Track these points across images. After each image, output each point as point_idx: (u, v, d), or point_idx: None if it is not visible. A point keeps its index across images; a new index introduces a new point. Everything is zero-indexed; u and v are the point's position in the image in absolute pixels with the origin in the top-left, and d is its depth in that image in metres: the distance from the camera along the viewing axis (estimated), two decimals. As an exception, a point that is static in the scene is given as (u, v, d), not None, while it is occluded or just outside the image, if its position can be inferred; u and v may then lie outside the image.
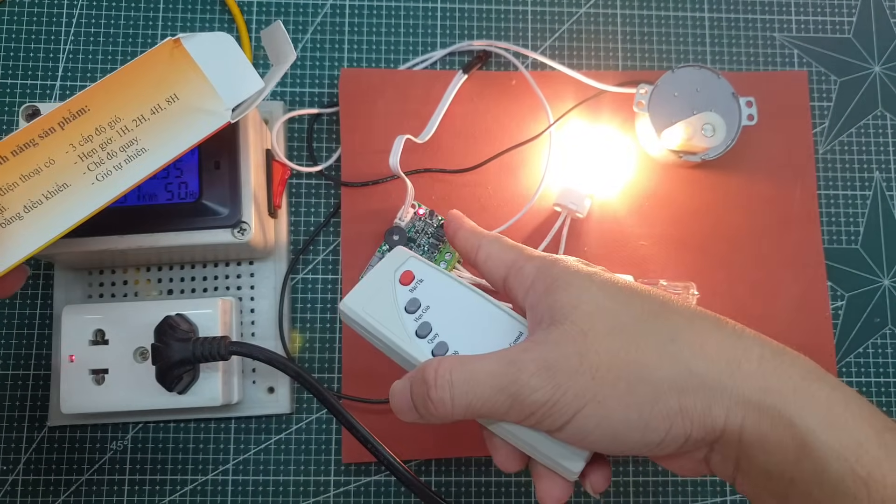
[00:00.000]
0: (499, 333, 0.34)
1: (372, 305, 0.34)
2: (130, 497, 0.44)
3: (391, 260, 0.36)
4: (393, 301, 0.35)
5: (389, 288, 0.35)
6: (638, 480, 0.45)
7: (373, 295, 0.35)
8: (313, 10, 0.49)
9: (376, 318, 0.34)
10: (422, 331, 0.34)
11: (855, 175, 0.49)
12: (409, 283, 0.35)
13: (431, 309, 0.34)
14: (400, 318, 0.34)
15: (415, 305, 0.34)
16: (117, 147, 0.33)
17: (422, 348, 0.33)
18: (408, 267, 0.35)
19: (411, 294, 0.35)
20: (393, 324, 0.34)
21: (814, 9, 0.51)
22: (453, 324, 0.34)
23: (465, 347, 0.33)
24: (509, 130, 0.47)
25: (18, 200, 0.32)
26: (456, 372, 0.30)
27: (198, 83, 0.33)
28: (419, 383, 0.30)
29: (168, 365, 0.38)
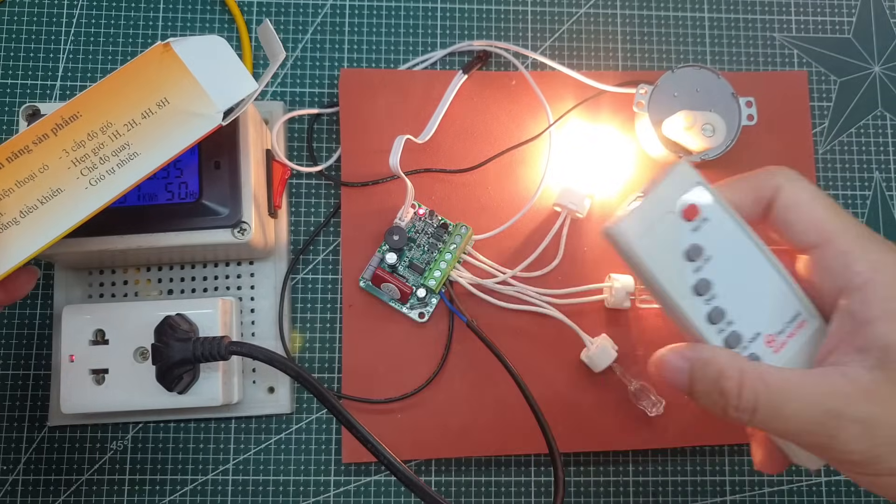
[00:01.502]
0: (777, 308, 0.30)
1: (649, 239, 0.29)
2: (130, 497, 0.44)
3: (676, 182, 0.30)
4: (674, 240, 0.30)
5: (671, 221, 0.30)
6: (638, 480, 0.45)
7: (652, 225, 0.29)
8: (313, 10, 0.49)
9: (652, 257, 0.29)
10: (700, 288, 0.30)
11: (855, 175, 0.49)
12: (692, 220, 0.30)
13: (713, 261, 0.30)
14: (678, 266, 0.30)
15: (696, 253, 0.30)
16: (109, 152, 0.33)
17: (697, 308, 0.30)
18: (694, 199, 0.30)
19: (693, 236, 0.30)
20: (670, 270, 0.30)
21: (814, 9, 0.51)
22: (733, 286, 0.30)
23: (742, 318, 0.30)
24: (509, 130, 0.47)
25: (14, 206, 0.32)
26: (762, 398, 0.27)
27: (188, 87, 0.33)
28: (714, 390, 0.28)
29: (168, 365, 0.38)
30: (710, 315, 0.30)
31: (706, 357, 0.28)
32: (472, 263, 0.45)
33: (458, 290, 0.45)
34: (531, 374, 0.44)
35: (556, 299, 0.44)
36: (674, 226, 0.30)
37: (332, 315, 0.46)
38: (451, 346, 0.44)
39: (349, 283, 0.45)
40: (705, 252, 0.30)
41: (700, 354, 0.28)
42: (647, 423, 0.44)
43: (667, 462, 0.45)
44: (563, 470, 0.37)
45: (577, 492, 0.45)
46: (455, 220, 0.45)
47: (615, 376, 0.43)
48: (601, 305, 0.45)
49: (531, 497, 0.45)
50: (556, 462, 0.37)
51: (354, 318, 0.45)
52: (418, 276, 0.44)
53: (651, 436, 0.44)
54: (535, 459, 0.45)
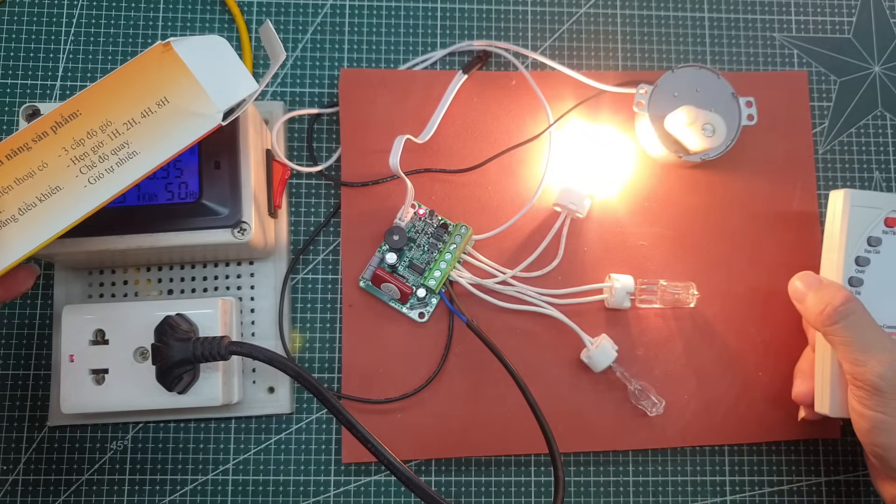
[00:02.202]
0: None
1: (854, 214, 0.42)
2: (130, 497, 0.44)
3: None
4: (866, 227, 0.42)
5: (875, 216, 0.42)
6: (638, 480, 0.45)
7: (864, 204, 0.42)
8: (313, 10, 0.49)
9: (847, 225, 0.42)
10: (860, 260, 0.42)
11: (855, 175, 0.49)
12: (889, 227, 0.42)
13: (882, 255, 0.42)
14: (857, 242, 0.42)
15: (875, 243, 0.42)
16: (108, 150, 0.33)
17: (849, 268, 0.42)
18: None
19: (881, 234, 0.42)
20: (849, 241, 0.42)
21: (814, 9, 0.51)
22: (881, 277, 0.41)
23: (870, 294, 0.41)
24: (509, 130, 0.47)
25: (13, 203, 0.32)
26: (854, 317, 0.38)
27: (188, 86, 0.33)
28: (822, 299, 0.39)
29: (168, 365, 0.38)
30: (852, 279, 0.42)
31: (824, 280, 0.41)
32: (472, 263, 0.45)
33: (458, 290, 0.45)
34: (531, 374, 0.44)
35: (556, 299, 0.44)
36: (875, 219, 0.42)
37: (332, 315, 0.46)
38: (451, 346, 0.44)
39: (349, 283, 0.45)
40: (881, 246, 0.42)
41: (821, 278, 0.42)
42: (647, 423, 0.44)
43: (667, 462, 0.45)
44: (563, 470, 0.37)
45: (577, 492, 0.45)
46: (455, 220, 0.45)
47: (615, 376, 0.43)
48: (601, 305, 0.45)
49: (531, 497, 0.45)
50: (556, 462, 0.37)
51: (354, 318, 0.45)
52: (418, 276, 0.44)
53: (651, 436, 0.44)
54: (535, 459, 0.45)
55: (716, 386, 0.45)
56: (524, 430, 0.43)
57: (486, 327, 0.43)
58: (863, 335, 0.38)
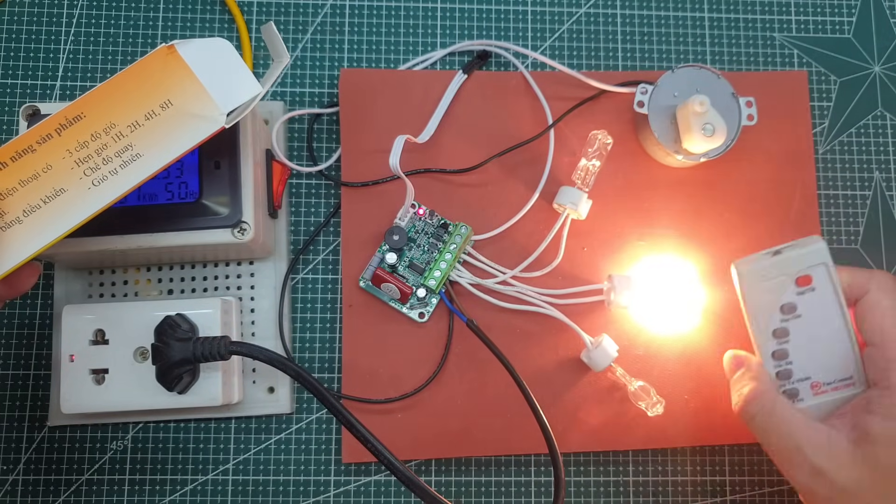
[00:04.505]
0: (837, 367, 0.38)
1: (758, 287, 0.38)
2: (130, 497, 0.44)
3: (807, 256, 0.38)
4: (777, 296, 0.38)
5: (783, 281, 0.38)
6: (638, 480, 0.45)
7: (766, 279, 0.38)
8: (313, 10, 0.49)
9: (753, 300, 0.38)
10: (779, 333, 0.38)
11: (855, 175, 0.49)
12: (801, 287, 0.38)
13: (801, 318, 0.38)
14: (770, 312, 0.38)
15: (790, 309, 0.38)
16: (112, 153, 0.33)
17: (768, 345, 0.39)
18: (812, 273, 0.38)
19: (795, 297, 0.38)
20: (762, 314, 0.38)
21: (814, 9, 0.51)
22: (807, 340, 0.38)
23: (801, 363, 0.38)
24: (509, 130, 0.47)
25: (18, 205, 0.32)
26: (762, 415, 0.37)
27: (192, 89, 0.33)
28: (738, 389, 0.39)
29: (168, 365, 0.38)
30: (776, 353, 0.39)
31: (752, 368, 0.39)
32: (472, 263, 0.45)
33: (458, 290, 0.45)
34: (531, 374, 0.44)
35: (556, 299, 0.44)
36: (783, 286, 0.38)
37: (332, 315, 0.46)
38: (450, 346, 0.44)
39: (349, 283, 0.45)
40: (798, 310, 0.38)
41: (750, 364, 0.39)
42: (647, 423, 0.44)
43: (667, 462, 0.45)
44: (563, 470, 0.37)
45: (577, 492, 0.45)
46: (455, 220, 0.45)
47: (615, 376, 0.43)
48: (601, 305, 0.45)
49: (531, 497, 0.45)
50: (556, 462, 0.37)
51: (354, 318, 0.45)
52: (418, 276, 0.44)
53: (651, 436, 0.44)
54: (535, 459, 0.45)
55: (716, 386, 0.45)
56: (524, 430, 0.43)
57: (486, 327, 0.43)
58: (768, 440, 0.37)
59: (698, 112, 0.42)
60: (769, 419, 0.37)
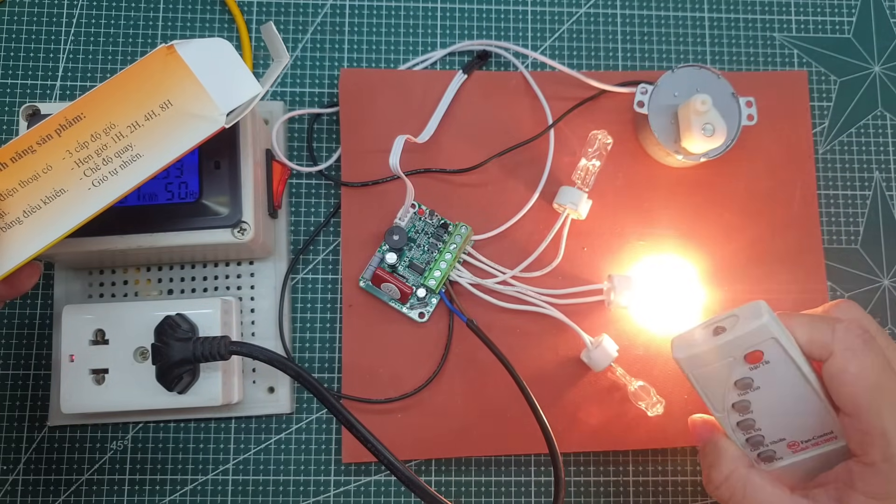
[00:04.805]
0: (812, 425, 0.35)
1: (705, 370, 0.34)
2: (130, 497, 0.44)
3: (752, 334, 0.33)
4: (728, 375, 0.34)
5: (731, 363, 0.34)
6: (638, 480, 0.45)
7: (711, 362, 0.34)
8: (313, 10, 0.49)
9: (703, 383, 0.35)
10: (739, 406, 0.35)
11: (855, 175, 0.49)
12: (753, 363, 0.34)
13: (760, 390, 0.34)
14: (724, 390, 0.35)
15: (746, 385, 0.34)
16: (112, 153, 0.33)
17: (730, 419, 0.35)
18: (762, 348, 0.33)
19: (749, 372, 0.34)
20: (715, 394, 0.35)
21: (814, 9, 0.51)
22: (772, 407, 0.35)
23: (770, 428, 0.35)
24: (509, 130, 0.47)
25: (18, 206, 0.33)
26: (736, 497, 0.34)
27: (192, 89, 0.33)
28: (708, 468, 0.36)
29: (168, 365, 0.38)
30: (741, 423, 0.35)
31: (717, 443, 0.36)
32: (472, 263, 0.45)
33: (458, 290, 0.45)
34: (531, 374, 0.44)
35: (556, 299, 0.44)
36: (732, 366, 0.34)
37: (332, 315, 0.46)
38: (450, 346, 0.44)
39: (349, 283, 0.45)
40: (755, 384, 0.34)
41: (714, 439, 0.36)
42: (647, 423, 0.44)
43: (667, 462, 0.45)
44: (563, 470, 0.37)
45: (577, 492, 0.45)
46: (455, 220, 0.45)
47: (615, 376, 0.43)
48: (601, 305, 0.45)
49: (531, 497, 0.45)
50: (556, 462, 0.37)
51: (354, 318, 0.45)
52: (418, 276, 0.44)
53: (651, 436, 0.44)
54: (535, 459, 0.45)
55: (716, 386, 0.45)
56: (524, 430, 0.43)
57: (486, 327, 0.43)
58: None
59: (700, 111, 0.42)
60: (742, 501, 0.34)
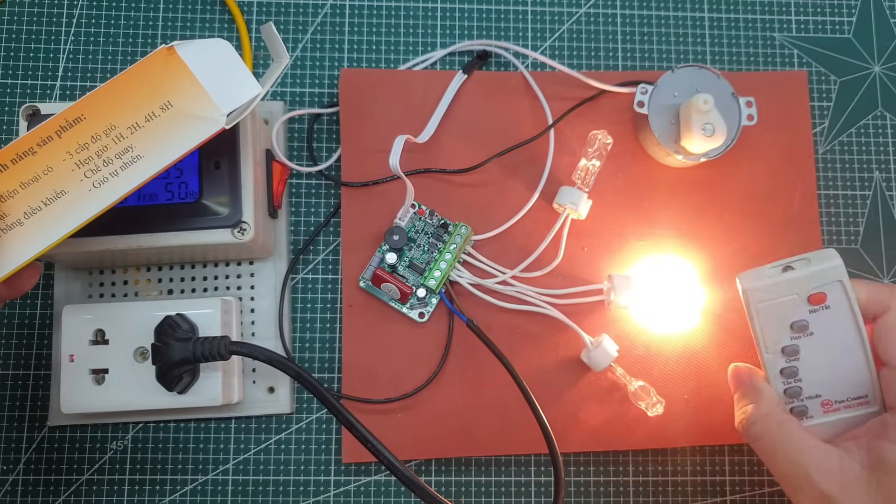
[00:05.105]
0: (850, 385, 0.36)
1: (767, 304, 0.35)
2: (130, 497, 0.44)
3: (820, 274, 0.35)
4: (788, 313, 0.36)
5: (795, 300, 0.35)
6: (638, 480, 0.45)
7: (777, 296, 0.35)
8: (313, 10, 0.49)
9: (762, 317, 0.36)
10: (789, 350, 0.36)
11: (855, 175, 0.49)
12: (814, 305, 0.36)
13: (813, 336, 0.36)
14: (780, 330, 0.36)
15: (801, 328, 0.36)
16: (113, 154, 0.33)
17: (776, 362, 0.37)
18: (827, 290, 0.35)
19: (807, 315, 0.36)
20: (771, 332, 0.36)
21: (814, 9, 0.51)
22: (819, 358, 0.36)
23: (810, 381, 0.36)
24: (509, 130, 0.47)
25: (19, 207, 0.33)
26: (768, 435, 0.35)
27: (192, 90, 0.33)
28: (744, 407, 0.37)
29: (168, 365, 0.38)
30: (784, 370, 0.37)
31: (758, 385, 0.37)
32: (472, 263, 0.45)
33: (458, 290, 0.45)
34: (531, 374, 0.44)
35: (556, 299, 0.44)
36: (794, 304, 0.36)
37: (332, 315, 0.46)
38: (451, 346, 0.44)
39: (349, 283, 0.45)
40: (810, 328, 0.36)
41: (755, 382, 0.37)
42: (647, 423, 0.44)
43: (667, 462, 0.45)
44: (563, 470, 0.37)
45: (577, 492, 0.45)
46: (455, 220, 0.45)
47: (615, 376, 0.43)
48: (601, 305, 0.45)
49: (531, 497, 0.45)
50: (556, 462, 0.37)
51: (354, 318, 0.45)
52: (418, 276, 0.44)
53: (651, 436, 0.44)
54: (535, 459, 0.45)
55: (716, 386, 0.45)
56: (524, 430, 0.43)
57: (486, 327, 0.43)
58: (774, 463, 0.35)
59: (703, 110, 0.42)
60: (775, 441, 0.35)
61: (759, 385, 0.37)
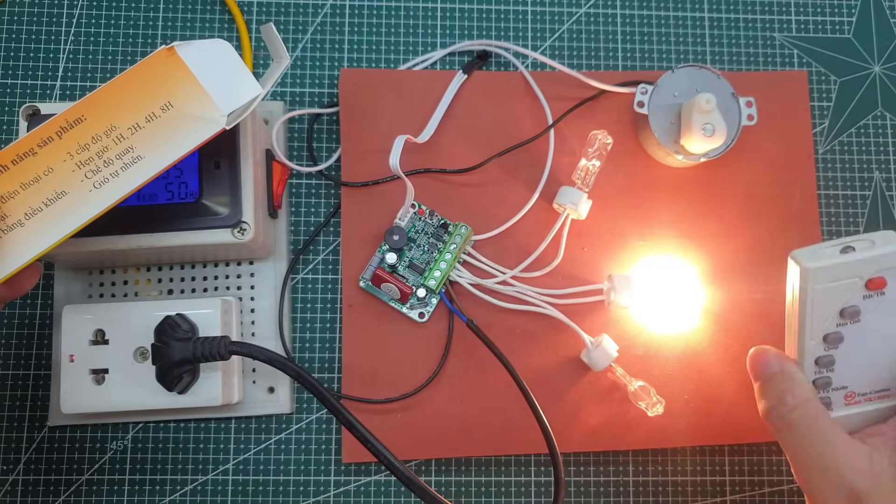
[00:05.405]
0: (877, 377, 0.34)
1: (822, 286, 0.33)
2: (130, 497, 0.44)
3: (884, 258, 0.32)
4: (841, 297, 0.33)
5: (852, 283, 0.33)
6: (638, 480, 0.45)
7: (834, 279, 0.32)
8: (313, 10, 0.49)
9: (814, 301, 0.33)
10: (831, 338, 0.34)
11: (855, 175, 0.49)
12: (871, 290, 0.33)
13: (860, 324, 0.33)
14: (829, 315, 0.33)
15: (852, 315, 0.33)
16: (113, 155, 0.33)
17: (814, 350, 0.34)
18: (887, 275, 0.33)
19: (860, 301, 0.33)
20: (819, 317, 0.33)
21: (814, 9, 0.51)
22: (860, 349, 0.34)
23: (843, 373, 0.34)
24: (509, 130, 0.47)
25: (19, 208, 0.33)
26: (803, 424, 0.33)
27: (192, 90, 0.33)
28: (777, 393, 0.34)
29: (168, 365, 0.38)
30: (820, 359, 0.34)
31: (792, 372, 0.35)
32: (472, 263, 0.45)
33: (458, 290, 0.45)
34: (531, 374, 0.44)
35: (556, 299, 0.44)
36: (851, 288, 0.33)
37: (332, 315, 0.46)
38: (450, 346, 0.44)
39: (349, 283, 0.45)
40: (861, 316, 0.33)
41: (789, 369, 0.35)
42: (647, 423, 0.44)
43: (667, 462, 0.45)
44: (563, 470, 0.37)
45: (577, 492, 0.45)
46: (455, 220, 0.45)
47: (615, 376, 0.43)
48: (601, 305, 0.45)
49: (531, 497, 0.45)
50: (556, 462, 0.37)
51: (354, 318, 0.45)
52: (418, 276, 0.44)
53: (651, 436, 0.44)
54: (535, 459, 0.45)
55: (716, 386, 0.45)
56: (524, 430, 0.43)
57: (486, 327, 0.43)
58: (803, 453, 0.34)
59: (706, 110, 0.42)
60: (811, 432, 0.33)
61: (791, 371, 0.35)
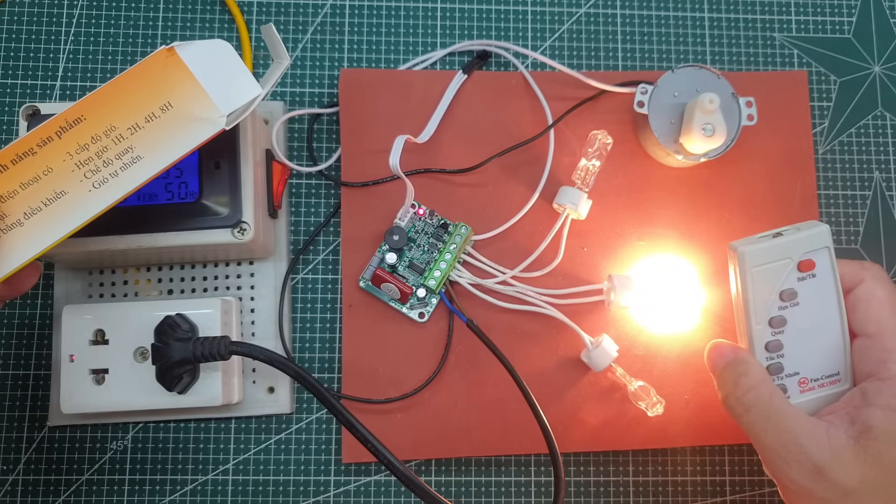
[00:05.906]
0: (826, 362, 0.37)
1: (760, 269, 0.36)
2: (130, 497, 0.44)
3: (810, 239, 0.36)
4: (778, 279, 0.36)
5: (785, 265, 0.36)
6: (638, 480, 0.45)
7: (769, 261, 0.36)
8: (313, 10, 0.49)
9: (754, 283, 0.36)
10: (775, 322, 0.36)
11: (855, 175, 0.49)
12: (803, 272, 0.36)
13: (799, 307, 0.36)
14: (770, 299, 0.36)
15: (790, 296, 0.36)
16: (113, 155, 0.33)
17: (763, 335, 0.36)
18: (815, 257, 0.36)
19: (795, 283, 0.36)
20: (761, 300, 0.36)
21: (814, 9, 0.51)
22: (802, 331, 0.37)
23: (792, 357, 0.37)
24: (509, 130, 0.47)
25: (19, 207, 0.33)
26: (760, 405, 0.35)
27: (192, 91, 0.33)
28: (732, 378, 0.36)
29: (168, 365, 0.38)
30: (770, 344, 0.37)
31: (745, 358, 0.37)
32: (472, 263, 0.45)
33: (458, 290, 0.45)
34: (531, 374, 0.44)
35: (556, 299, 0.44)
36: (785, 269, 0.36)
37: (332, 315, 0.46)
38: (451, 346, 0.44)
39: (349, 283, 0.45)
40: (797, 297, 0.36)
41: (742, 355, 0.37)
42: (647, 423, 0.44)
43: (667, 462, 0.45)
44: (563, 470, 0.37)
45: (577, 492, 0.45)
46: (455, 220, 0.45)
47: (615, 376, 0.43)
48: (601, 305, 0.45)
49: (531, 497, 0.45)
50: (556, 462, 0.37)
51: (354, 318, 0.45)
52: (418, 276, 0.44)
53: (651, 436, 0.44)
54: (535, 459, 0.45)
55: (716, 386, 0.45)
56: (524, 430, 0.43)
57: (486, 327, 0.43)
58: (764, 435, 0.34)
59: (709, 109, 0.42)
60: (768, 410, 0.34)
61: (744, 356, 0.37)
